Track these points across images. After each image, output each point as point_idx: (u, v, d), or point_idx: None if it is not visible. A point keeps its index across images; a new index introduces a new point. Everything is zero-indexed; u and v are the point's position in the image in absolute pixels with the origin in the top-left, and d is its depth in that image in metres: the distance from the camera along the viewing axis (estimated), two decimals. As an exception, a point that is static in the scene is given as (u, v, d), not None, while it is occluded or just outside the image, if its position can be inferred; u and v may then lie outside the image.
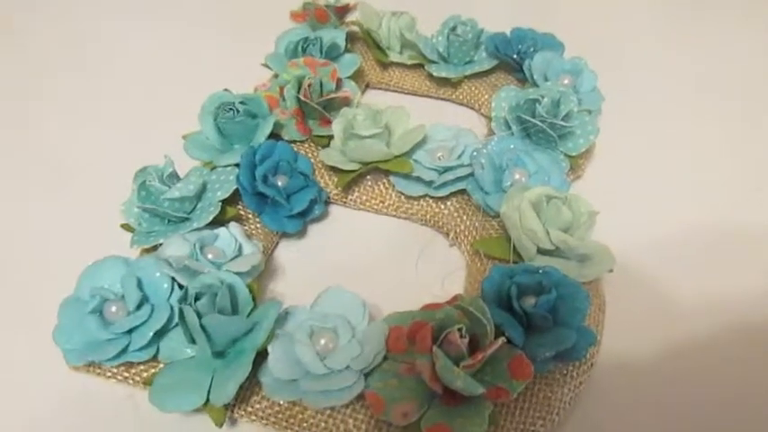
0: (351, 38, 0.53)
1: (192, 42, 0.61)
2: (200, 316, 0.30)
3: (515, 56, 0.49)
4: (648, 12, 0.65)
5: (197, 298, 0.31)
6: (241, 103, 0.42)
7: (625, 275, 0.38)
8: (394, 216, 0.43)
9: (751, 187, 0.45)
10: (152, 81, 0.56)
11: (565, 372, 0.32)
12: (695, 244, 0.41)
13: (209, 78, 0.48)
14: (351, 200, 0.43)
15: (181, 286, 0.34)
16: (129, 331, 0.32)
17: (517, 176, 0.39)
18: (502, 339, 0.29)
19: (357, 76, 0.50)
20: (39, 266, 0.41)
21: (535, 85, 0.46)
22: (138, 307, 0.33)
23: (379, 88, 0.53)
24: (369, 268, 0.40)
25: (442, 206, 0.41)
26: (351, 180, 0.42)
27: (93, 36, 0.63)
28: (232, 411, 0.32)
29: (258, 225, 0.40)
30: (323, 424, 0.31)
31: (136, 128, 0.51)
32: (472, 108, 0.51)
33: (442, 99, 0.52)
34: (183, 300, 0.31)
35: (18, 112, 0.53)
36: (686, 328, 0.37)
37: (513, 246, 0.36)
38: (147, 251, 0.38)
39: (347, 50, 0.51)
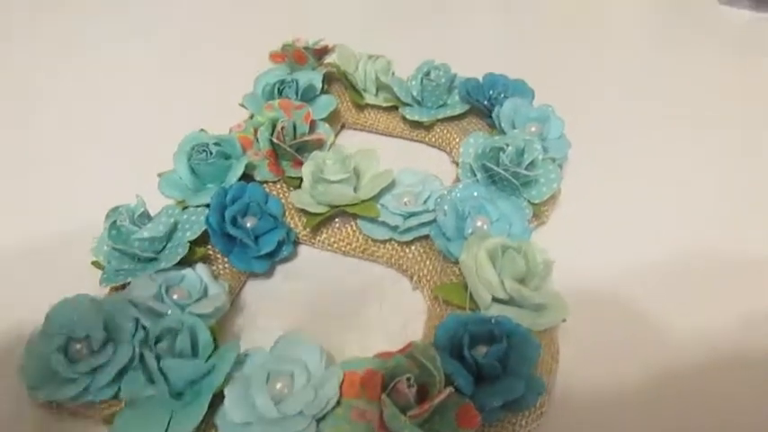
0: (328, 78, 0.54)
1: (177, 78, 0.62)
2: (159, 359, 0.31)
3: (486, 102, 0.50)
4: (617, 57, 0.67)
5: (157, 340, 0.32)
6: (215, 144, 0.44)
7: (587, 319, 0.38)
8: (360, 258, 0.44)
9: (714, 230, 0.46)
10: (134, 116, 0.57)
11: (514, 421, 0.33)
12: (659, 287, 0.42)
13: (193, 115, 0.50)
14: (319, 241, 0.44)
15: (144, 327, 0.35)
16: (92, 371, 0.33)
17: (479, 224, 0.40)
18: (450, 389, 0.30)
19: (333, 116, 0.52)
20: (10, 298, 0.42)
21: (502, 132, 0.48)
22: (103, 346, 0.34)
23: (355, 128, 0.55)
24: (334, 308, 0.41)
25: (407, 250, 0.42)
26: (319, 222, 0.43)
27: (73, 66, 0.64)
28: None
29: (226, 265, 0.41)
30: (277, 467, 0.32)
31: (114, 163, 0.52)
32: (444, 151, 0.52)
33: (415, 141, 0.53)
34: (144, 342, 0.32)
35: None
36: (646, 373, 0.37)
37: (470, 294, 0.37)
38: (116, 289, 0.39)
39: (324, 91, 0.53)
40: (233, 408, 0.31)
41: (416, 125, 0.52)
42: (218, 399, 0.32)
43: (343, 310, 0.41)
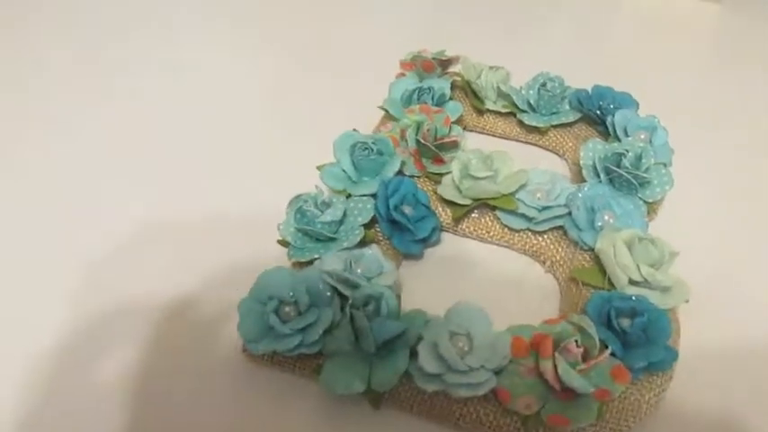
0: (452, 86, 0.61)
1: (304, 84, 0.70)
2: (368, 319, 0.38)
3: (597, 111, 0.57)
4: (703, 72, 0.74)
5: (364, 305, 0.39)
6: (373, 142, 0.51)
7: (696, 307, 0.45)
8: (497, 245, 0.51)
9: None
10: (268, 119, 0.66)
11: (651, 380, 0.40)
12: (757, 279, 0.49)
13: (323, 118, 0.58)
14: (460, 229, 0.51)
15: (339, 294, 0.42)
16: (302, 329, 0.40)
17: (606, 218, 0.47)
18: (608, 350, 0.37)
19: (458, 120, 0.58)
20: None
21: (617, 138, 0.54)
22: (308, 308, 0.41)
23: (474, 131, 0.62)
24: (475, 288, 0.48)
25: (540, 238, 0.49)
26: (463, 213, 0.50)
27: (212, 71, 0.72)
28: (384, 398, 0.40)
29: (387, 247, 0.48)
30: (458, 411, 0.39)
31: (264, 159, 0.60)
32: (556, 153, 0.59)
33: (529, 143, 0.60)
34: (353, 306, 0.39)
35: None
36: (744, 348, 0.44)
37: (608, 276, 0.44)
38: (300, 264, 0.46)
39: (450, 98, 0.59)
40: (426, 361, 0.38)
41: (532, 130, 0.59)
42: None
43: (485, 288, 0.48)
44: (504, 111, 0.60)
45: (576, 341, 0.37)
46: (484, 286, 0.48)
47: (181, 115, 0.66)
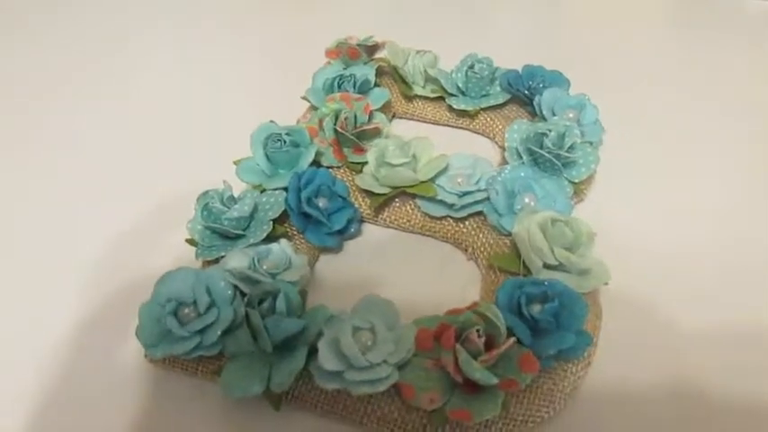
0: (378, 72, 0.59)
1: (235, 76, 0.68)
2: (262, 317, 0.37)
3: (526, 91, 0.55)
4: (642, 47, 0.72)
5: (260, 302, 0.38)
6: (287, 134, 0.49)
7: (620, 287, 0.43)
8: (419, 233, 0.49)
9: (750, 214, 0.51)
10: (197, 111, 0.64)
11: (565, 368, 0.38)
12: (685, 261, 0.47)
13: (251, 110, 0.56)
14: (381, 219, 0.49)
15: (242, 293, 0.40)
16: (201, 331, 0.39)
17: (527, 200, 0.45)
18: (513, 339, 0.35)
19: (385, 107, 0.57)
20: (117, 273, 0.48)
21: (543, 118, 0.52)
22: (208, 309, 0.39)
23: (404, 118, 0.60)
24: (397, 279, 0.46)
25: (461, 225, 0.47)
26: (382, 202, 0.48)
27: (143, 66, 0.70)
28: (286, 398, 0.38)
29: (302, 241, 0.46)
30: (362, 409, 0.37)
31: (185, 152, 0.58)
32: (487, 137, 0.57)
33: (460, 128, 0.58)
34: (248, 304, 0.38)
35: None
36: (670, 333, 0.42)
37: (523, 261, 0.42)
38: (209, 262, 0.44)
39: (376, 85, 0.58)
40: (326, 358, 0.36)
41: (462, 114, 0.57)
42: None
43: (405, 280, 0.46)
44: (432, 95, 0.58)
45: (479, 330, 0.35)
46: (405, 277, 0.47)
47: (103, 109, 0.64)
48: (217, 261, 0.44)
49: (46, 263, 0.49)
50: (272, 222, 0.45)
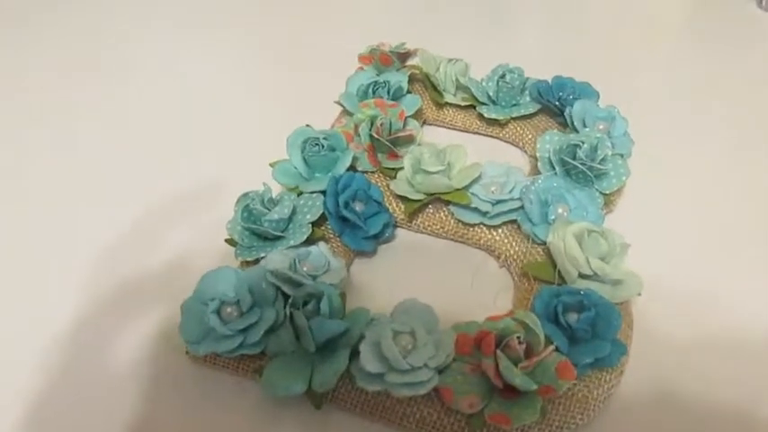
0: (410, 79, 0.60)
1: (266, 80, 0.69)
2: (307, 318, 0.38)
3: (557, 102, 0.56)
4: (668, 60, 0.73)
5: (304, 304, 0.38)
6: (324, 138, 0.50)
7: (652, 299, 0.44)
8: (451, 239, 0.50)
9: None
10: (230, 114, 0.65)
11: (599, 376, 0.39)
12: (715, 272, 0.48)
13: (283, 113, 0.57)
14: (415, 224, 0.50)
15: (283, 293, 0.41)
16: (244, 330, 0.39)
17: (560, 211, 0.46)
18: (552, 346, 0.36)
19: (416, 114, 0.57)
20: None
21: (575, 130, 0.53)
22: (251, 308, 0.40)
23: (434, 125, 0.61)
24: (430, 284, 0.47)
25: (494, 233, 0.48)
26: (416, 208, 0.49)
27: (174, 77, 0.71)
28: (326, 398, 0.39)
29: (338, 244, 0.47)
30: (401, 411, 0.38)
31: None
32: (516, 146, 0.58)
33: (489, 136, 0.59)
34: (293, 305, 0.39)
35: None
36: (700, 343, 0.43)
37: (557, 270, 0.43)
38: (248, 263, 0.45)
39: (408, 92, 0.58)
40: (368, 360, 0.37)
41: (492, 122, 0.58)
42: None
43: (437, 285, 0.47)
44: (463, 104, 0.59)
45: (519, 337, 0.36)
46: (438, 282, 0.47)
47: (135, 113, 0.65)
48: (252, 263, 0.45)
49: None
50: (310, 225, 0.45)
